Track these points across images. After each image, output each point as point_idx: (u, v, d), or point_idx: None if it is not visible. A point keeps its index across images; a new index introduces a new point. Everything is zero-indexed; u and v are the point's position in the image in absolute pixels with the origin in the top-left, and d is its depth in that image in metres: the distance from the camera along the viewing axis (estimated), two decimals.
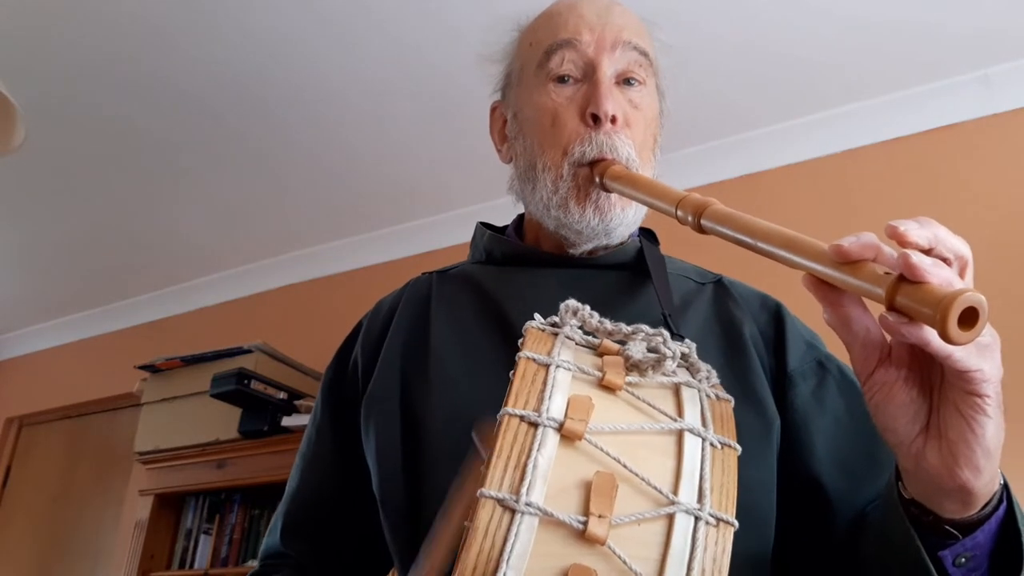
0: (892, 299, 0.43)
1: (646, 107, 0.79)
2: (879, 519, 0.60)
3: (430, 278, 0.85)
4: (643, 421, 0.49)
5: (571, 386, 0.49)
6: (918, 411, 0.50)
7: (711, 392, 0.54)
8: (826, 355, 0.77)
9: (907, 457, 0.50)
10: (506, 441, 0.45)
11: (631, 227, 0.80)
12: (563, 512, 0.43)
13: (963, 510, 0.51)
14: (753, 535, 0.66)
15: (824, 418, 0.72)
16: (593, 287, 0.75)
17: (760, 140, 2.18)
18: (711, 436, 0.49)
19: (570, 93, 0.77)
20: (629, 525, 0.44)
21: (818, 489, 0.69)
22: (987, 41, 1.84)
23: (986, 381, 0.46)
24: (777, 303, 0.80)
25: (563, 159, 0.76)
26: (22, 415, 3.54)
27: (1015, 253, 1.74)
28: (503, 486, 0.43)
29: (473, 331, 0.76)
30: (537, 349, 0.51)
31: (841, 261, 0.46)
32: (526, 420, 0.46)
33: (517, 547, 0.42)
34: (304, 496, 0.83)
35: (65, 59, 1.99)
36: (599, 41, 0.77)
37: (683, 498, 0.45)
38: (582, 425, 0.46)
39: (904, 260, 0.42)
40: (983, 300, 0.40)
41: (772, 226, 0.54)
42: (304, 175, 2.46)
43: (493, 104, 0.90)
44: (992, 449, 0.48)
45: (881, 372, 0.49)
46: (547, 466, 0.44)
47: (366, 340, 0.82)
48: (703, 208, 0.62)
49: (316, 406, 0.86)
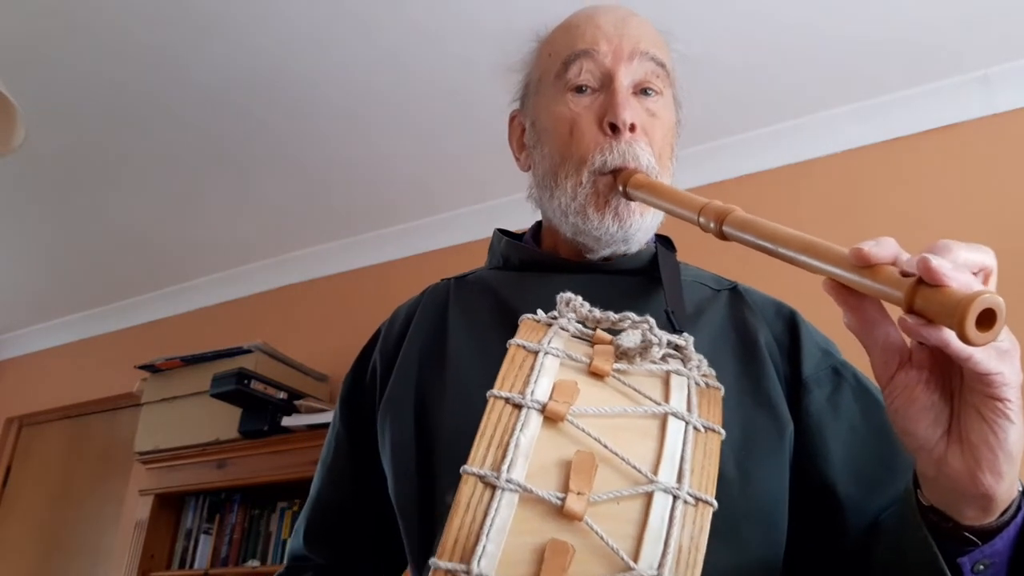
0: (911, 302, 0.43)
1: (663, 116, 0.80)
2: (894, 526, 0.60)
3: (448, 284, 0.86)
4: (627, 405, 0.50)
5: (559, 372, 0.51)
6: (939, 415, 0.50)
7: (700, 380, 0.55)
8: (841, 362, 0.77)
9: (928, 462, 0.50)
10: (490, 421, 0.47)
11: (648, 233, 0.80)
12: (542, 489, 0.44)
13: (983, 516, 0.51)
14: (765, 540, 0.66)
15: (839, 425, 0.72)
16: (608, 291, 0.76)
17: (760, 140, 2.18)
18: (695, 420, 0.50)
19: (588, 102, 0.78)
20: (607, 503, 0.45)
21: (832, 496, 0.69)
22: (987, 41, 1.84)
23: (1007, 385, 0.46)
24: (792, 310, 0.81)
25: (583, 167, 0.77)
26: (22, 415, 3.54)
27: (1016, 253, 1.74)
28: (485, 463, 0.45)
29: (489, 337, 0.76)
30: (528, 337, 0.53)
31: (861, 265, 0.47)
32: (511, 402, 0.48)
33: (497, 521, 0.43)
34: (325, 502, 0.85)
35: (65, 60, 1.99)
36: (616, 51, 0.78)
37: (662, 478, 0.46)
38: (565, 407, 0.47)
39: (923, 264, 0.43)
40: (1001, 302, 0.41)
41: (792, 232, 0.54)
42: (304, 176, 2.47)
43: (512, 113, 0.91)
44: (1014, 454, 0.48)
45: (901, 376, 0.49)
46: (529, 445, 0.46)
47: (384, 347, 0.83)
48: (725, 215, 0.63)
49: (335, 414, 0.88)
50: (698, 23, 1.81)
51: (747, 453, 0.67)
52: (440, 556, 0.43)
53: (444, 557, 0.43)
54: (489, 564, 0.42)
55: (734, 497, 0.65)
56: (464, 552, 0.43)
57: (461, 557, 0.43)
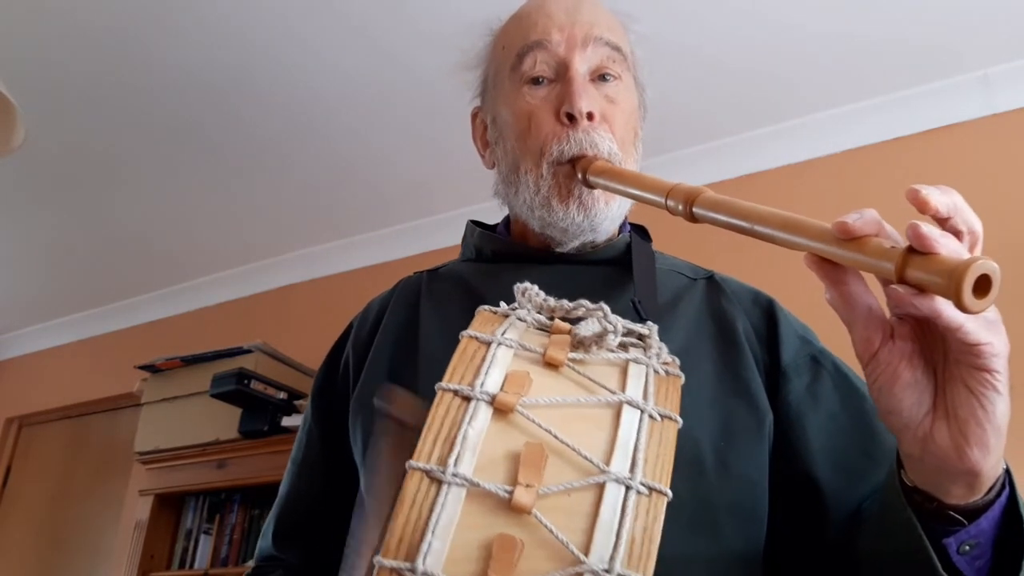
0: (902, 272, 0.42)
1: (623, 101, 0.79)
2: (878, 511, 0.60)
3: (420, 277, 0.85)
4: (581, 395, 0.49)
5: (511, 363, 0.49)
6: (923, 391, 0.48)
7: (660, 368, 0.53)
8: (820, 350, 0.76)
9: (913, 441, 0.49)
10: (438, 414, 0.45)
11: (616, 221, 0.80)
12: (490, 482, 0.43)
13: (968, 494, 0.50)
14: (743, 532, 0.66)
15: (819, 414, 0.71)
16: (580, 282, 0.75)
17: (760, 140, 2.18)
18: (650, 408, 0.49)
19: (544, 94, 0.77)
20: (558, 495, 0.44)
21: (813, 485, 0.69)
22: (987, 41, 1.84)
23: (995, 355, 0.45)
24: (770, 299, 0.80)
25: (542, 159, 0.76)
26: (22, 415, 3.54)
27: (1016, 253, 1.74)
28: (432, 458, 0.44)
29: (460, 327, 0.76)
30: (482, 328, 0.52)
31: (845, 238, 0.46)
32: (459, 394, 0.46)
33: (443, 517, 0.42)
34: (295, 501, 0.83)
35: (65, 61, 1.99)
36: (569, 39, 0.77)
37: (614, 468, 0.45)
38: (515, 398, 0.46)
39: (914, 231, 0.42)
40: (996, 267, 0.40)
41: (768, 209, 0.53)
42: (304, 175, 2.46)
43: (473, 110, 0.90)
44: (1001, 427, 0.47)
45: (884, 352, 0.48)
46: (477, 438, 0.45)
47: (356, 341, 0.82)
48: (694, 196, 0.60)
49: (307, 410, 0.86)
50: (698, 23, 1.80)
51: (726, 443, 0.66)
52: (385, 554, 0.42)
53: (389, 555, 0.42)
54: (435, 561, 0.41)
55: (712, 488, 0.64)
56: (410, 550, 0.41)
57: (407, 555, 0.41)
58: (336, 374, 0.83)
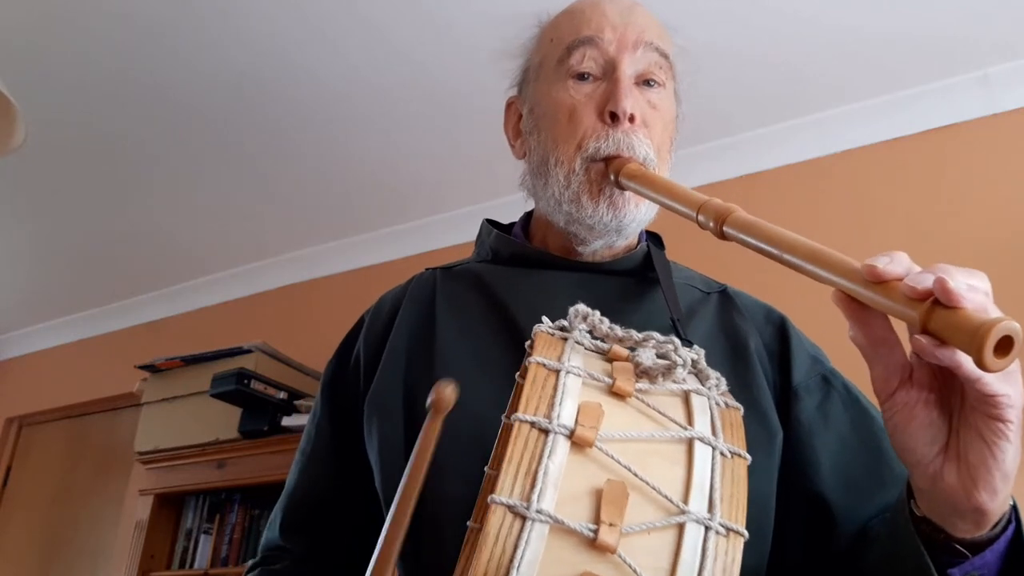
0: (926, 323, 0.43)
1: (664, 108, 0.79)
2: (886, 534, 0.60)
3: (434, 275, 0.84)
4: (653, 429, 0.48)
5: (581, 392, 0.48)
6: (937, 432, 0.49)
7: (720, 400, 0.53)
8: (831, 370, 0.77)
9: (923, 476, 0.50)
10: (517, 447, 0.44)
11: (642, 225, 0.79)
12: (574, 520, 0.43)
13: (975, 530, 0.51)
14: (750, 546, 0.66)
15: (828, 433, 0.72)
16: (601, 292, 0.75)
17: (760, 140, 2.18)
18: (721, 445, 0.49)
19: (589, 90, 0.77)
20: (639, 534, 0.44)
21: (821, 503, 0.69)
22: (987, 41, 1.84)
23: (1011, 407, 0.46)
24: (782, 316, 0.80)
25: (576, 153, 0.75)
26: (22, 415, 3.54)
27: (1015, 253, 1.74)
28: (514, 492, 0.43)
29: (480, 332, 0.75)
30: (547, 354, 0.50)
31: (874, 281, 0.46)
32: (537, 426, 0.45)
33: (528, 554, 0.42)
34: (303, 493, 0.83)
35: (65, 61, 1.99)
36: (621, 40, 0.77)
37: (693, 507, 0.45)
38: (593, 432, 0.45)
39: (941, 285, 0.42)
40: (1019, 329, 0.40)
41: (798, 238, 0.53)
42: (303, 176, 2.46)
43: (509, 99, 0.89)
44: (1010, 474, 0.48)
45: (902, 393, 0.49)
46: (558, 473, 0.44)
47: (368, 337, 0.82)
48: (726, 215, 0.60)
49: (316, 403, 0.86)
50: (698, 24, 1.81)
51: None
52: None
53: None
54: None
55: None
56: None
57: None
58: (347, 368, 0.82)
